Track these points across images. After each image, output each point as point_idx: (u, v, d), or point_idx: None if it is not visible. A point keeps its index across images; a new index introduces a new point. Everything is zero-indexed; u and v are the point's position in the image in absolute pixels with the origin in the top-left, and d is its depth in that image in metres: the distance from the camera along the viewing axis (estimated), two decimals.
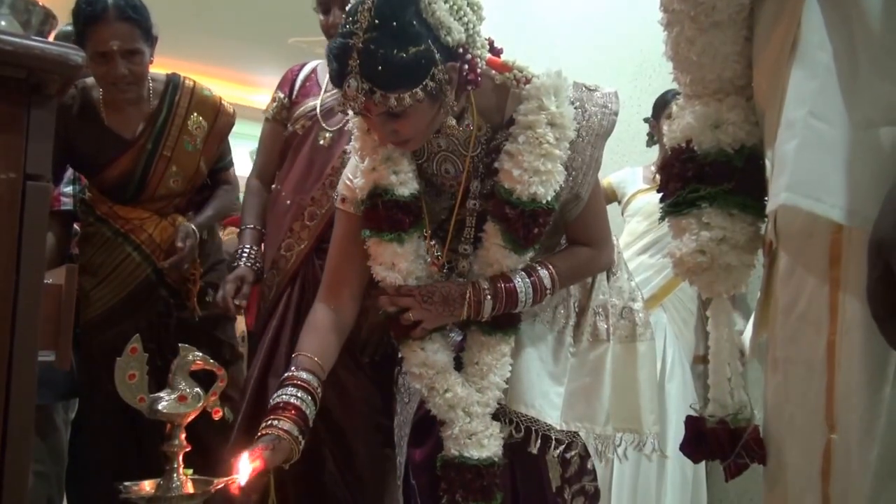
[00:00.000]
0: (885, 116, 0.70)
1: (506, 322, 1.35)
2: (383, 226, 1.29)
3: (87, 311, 1.97)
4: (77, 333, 1.93)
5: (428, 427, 1.38)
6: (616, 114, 1.32)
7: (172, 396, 1.07)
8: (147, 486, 1.05)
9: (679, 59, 0.94)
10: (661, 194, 1.02)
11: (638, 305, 1.48)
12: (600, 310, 1.45)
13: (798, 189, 0.72)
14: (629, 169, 2.76)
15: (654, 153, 2.72)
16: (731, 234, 0.91)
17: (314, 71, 1.94)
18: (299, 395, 1.22)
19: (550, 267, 1.35)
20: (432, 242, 1.35)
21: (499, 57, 1.30)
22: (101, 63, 1.79)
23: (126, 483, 1.05)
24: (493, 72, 1.29)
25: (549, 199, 1.25)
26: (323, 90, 1.87)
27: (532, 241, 1.29)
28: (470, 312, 1.30)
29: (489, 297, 1.29)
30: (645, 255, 2.49)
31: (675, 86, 1.07)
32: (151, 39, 1.87)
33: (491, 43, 1.29)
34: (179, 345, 1.13)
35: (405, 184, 1.29)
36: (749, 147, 0.91)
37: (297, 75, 1.94)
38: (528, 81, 1.27)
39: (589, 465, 1.42)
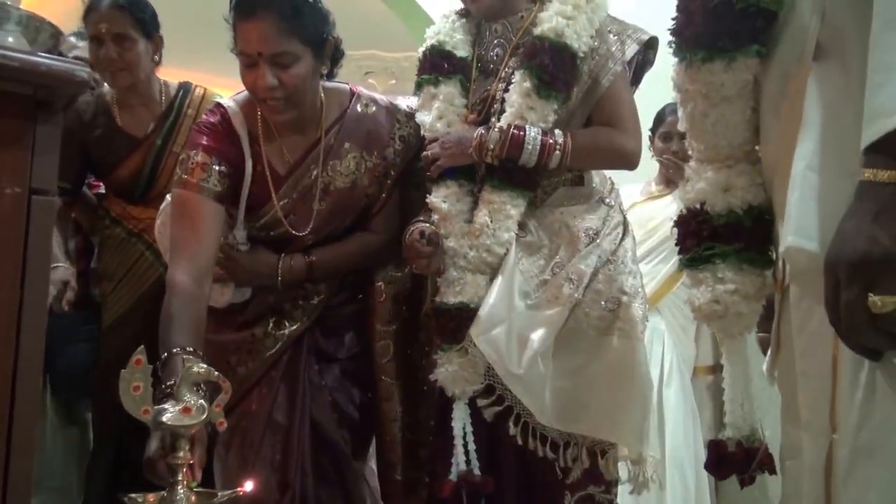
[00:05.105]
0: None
1: (518, 180, 1.41)
2: (425, 70, 1.51)
3: (106, 316, 2.00)
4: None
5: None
6: (643, 42, 1.45)
7: (177, 408, 1.07)
8: (151, 498, 1.05)
9: (695, 130, 1.07)
10: (678, 248, 1.13)
11: (628, 299, 1.40)
12: (574, 276, 1.39)
13: (801, 233, 0.83)
14: (628, 187, 2.74)
15: (656, 164, 2.71)
16: (742, 286, 1.04)
17: None
18: None
19: (568, 134, 1.41)
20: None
21: None
22: (95, 48, 1.88)
23: (131, 495, 1.05)
24: None
25: (576, 45, 1.38)
26: None
27: (558, 86, 1.38)
28: (479, 152, 1.40)
29: (496, 131, 1.38)
30: (641, 263, 2.48)
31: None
32: (149, 33, 1.93)
33: None
34: (182, 356, 1.14)
35: (458, 47, 1.51)
36: (756, 206, 1.04)
37: None
38: None
39: (596, 472, 1.40)
